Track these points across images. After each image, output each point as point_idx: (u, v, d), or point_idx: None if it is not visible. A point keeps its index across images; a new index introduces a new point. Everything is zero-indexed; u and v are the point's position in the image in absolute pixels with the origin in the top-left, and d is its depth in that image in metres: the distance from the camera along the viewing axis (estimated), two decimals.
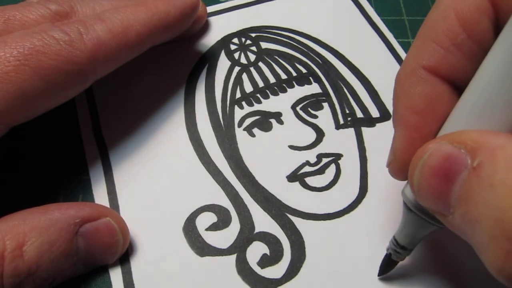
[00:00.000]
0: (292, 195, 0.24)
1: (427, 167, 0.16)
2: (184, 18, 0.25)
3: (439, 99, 0.18)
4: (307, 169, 0.25)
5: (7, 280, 0.18)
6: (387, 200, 0.24)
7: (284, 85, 0.28)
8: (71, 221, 0.20)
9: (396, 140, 0.19)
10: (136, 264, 0.22)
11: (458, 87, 0.18)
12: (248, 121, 0.27)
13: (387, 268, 0.22)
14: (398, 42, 0.30)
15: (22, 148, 0.25)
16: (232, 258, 0.23)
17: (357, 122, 0.27)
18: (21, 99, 0.19)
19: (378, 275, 0.22)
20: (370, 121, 0.27)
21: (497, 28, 0.17)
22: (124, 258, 0.22)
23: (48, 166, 0.25)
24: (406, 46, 0.30)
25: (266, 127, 0.26)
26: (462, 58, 0.17)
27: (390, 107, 0.27)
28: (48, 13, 0.22)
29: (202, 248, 0.23)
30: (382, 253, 0.23)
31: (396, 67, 0.29)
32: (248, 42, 0.30)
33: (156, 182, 0.24)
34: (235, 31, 0.30)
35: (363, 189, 0.25)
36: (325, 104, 0.27)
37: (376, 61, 0.29)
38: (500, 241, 0.12)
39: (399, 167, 0.19)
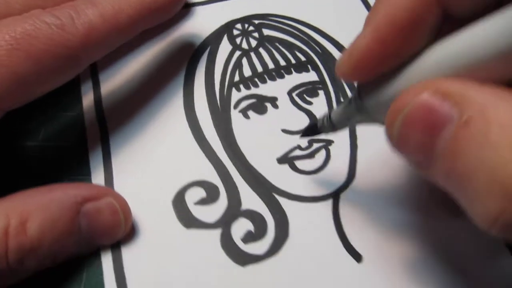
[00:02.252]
0: (281, 177, 0.25)
1: (410, 119, 0.15)
2: (174, 1, 0.25)
3: (425, 19, 0.16)
4: (297, 152, 0.26)
5: (11, 255, 0.19)
6: (374, 188, 0.25)
7: (282, 71, 0.28)
8: (73, 200, 0.21)
9: (359, 40, 0.17)
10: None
11: (450, 16, 0.16)
12: (244, 103, 0.27)
13: (308, 131, 0.24)
14: None
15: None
16: (217, 232, 0.23)
17: None
18: (14, 83, 0.20)
19: (300, 136, 0.25)
20: None
21: None
22: None
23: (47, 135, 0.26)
24: None
25: (261, 110, 0.27)
26: None
27: None
28: None
29: (189, 221, 0.24)
30: (364, 238, 0.23)
31: None
32: (251, 28, 0.30)
33: (150, 157, 0.25)
34: (239, 17, 0.31)
35: (350, 176, 0.25)
36: (321, 92, 0.28)
37: None
38: (496, 197, 0.13)
39: (351, 67, 0.17)
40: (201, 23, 0.31)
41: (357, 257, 0.23)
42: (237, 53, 0.29)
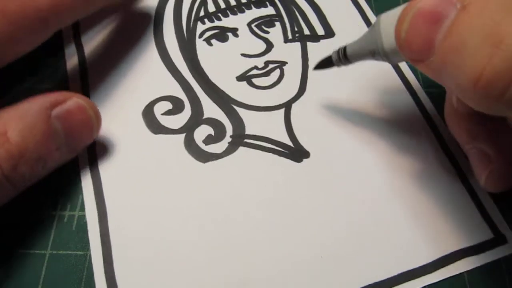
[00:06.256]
0: (239, 91, 0.28)
1: (418, 14, 0.17)
2: None
3: None
4: (254, 72, 0.29)
5: (4, 163, 0.20)
6: (322, 99, 0.28)
7: (243, 7, 0.32)
8: (42, 106, 0.22)
9: None
10: (100, 140, 0.26)
11: None
12: (208, 33, 0.30)
13: (322, 65, 0.26)
14: None
15: None
16: (181, 136, 0.26)
17: (303, 38, 0.30)
18: None
19: (313, 69, 0.27)
20: (316, 37, 0.30)
21: None
22: None
23: None
24: None
25: (223, 39, 0.30)
26: None
27: (334, 27, 0.31)
28: None
29: (157, 128, 0.27)
30: (312, 138, 0.26)
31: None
32: None
33: (123, 76, 0.28)
34: None
35: (301, 90, 0.28)
36: (277, 23, 0.31)
37: None
38: (484, 49, 0.15)
39: None
40: None
41: (305, 154, 0.26)
42: None
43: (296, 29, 0.31)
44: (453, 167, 0.26)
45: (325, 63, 0.26)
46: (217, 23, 0.31)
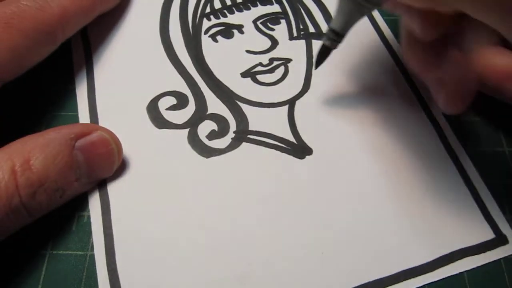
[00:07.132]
0: (244, 87, 0.28)
1: None
2: None
3: None
4: (259, 68, 0.29)
5: (22, 191, 0.20)
6: (326, 96, 0.28)
7: (248, 4, 0.32)
8: (67, 137, 0.22)
9: None
10: None
11: None
12: (214, 30, 0.31)
13: (321, 57, 0.25)
14: None
15: None
16: (185, 131, 0.27)
17: (308, 36, 0.31)
18: (10, 56, 0.23)
19: (314, 68, 0.26)
20: (321, 35, 0.31)
21: None
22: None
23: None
24: None
25: (228, 35, 0.30)
26: None
27: None
28: None
29: (161, 123, 0.27)
30: (315, 135, 0.27)
31: None
32: None
33: (129, 71, 0.29)
34: None
35: (306, 87, 0.28)
36: (283, 21, 0.31)
37: None
38: None
39: None
40: None
41: (308, 150, 0.26)
42: None
43: (301, 27, 0.31)
44: (456, 167, 0.26)
45: (323, 54, 0.25)
46: (222, 19, 0.31)
